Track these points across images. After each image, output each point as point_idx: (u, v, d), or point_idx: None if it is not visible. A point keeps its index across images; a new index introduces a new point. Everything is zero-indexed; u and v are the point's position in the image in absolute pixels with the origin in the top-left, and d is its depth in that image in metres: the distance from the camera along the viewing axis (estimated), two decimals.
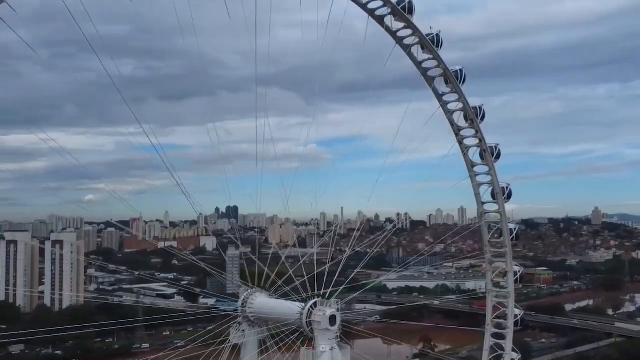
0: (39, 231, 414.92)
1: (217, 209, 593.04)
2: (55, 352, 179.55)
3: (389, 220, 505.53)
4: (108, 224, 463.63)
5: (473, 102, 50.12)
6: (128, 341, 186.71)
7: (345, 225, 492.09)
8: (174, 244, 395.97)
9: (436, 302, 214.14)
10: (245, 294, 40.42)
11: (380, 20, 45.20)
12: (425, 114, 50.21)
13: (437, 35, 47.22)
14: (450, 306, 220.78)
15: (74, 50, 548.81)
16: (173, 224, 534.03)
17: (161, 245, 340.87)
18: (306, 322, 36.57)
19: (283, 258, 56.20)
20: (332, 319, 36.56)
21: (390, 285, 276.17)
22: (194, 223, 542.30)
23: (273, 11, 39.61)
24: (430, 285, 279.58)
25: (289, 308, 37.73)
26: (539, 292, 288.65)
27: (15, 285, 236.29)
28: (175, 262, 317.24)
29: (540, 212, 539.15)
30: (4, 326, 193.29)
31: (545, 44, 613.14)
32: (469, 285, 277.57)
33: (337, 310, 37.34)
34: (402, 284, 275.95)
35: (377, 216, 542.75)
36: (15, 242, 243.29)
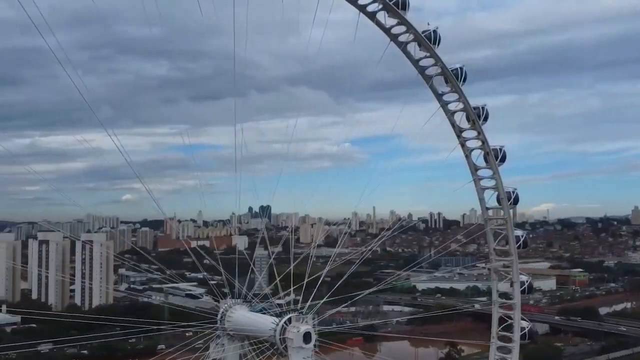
0: (76, 230, 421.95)
1: (250, 208, 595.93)
2: (82, 351, 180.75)
3: (421, 219, 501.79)
4: (144, 223, 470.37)
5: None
6: (152, 341, 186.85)
7: (377, 224, 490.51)
8: (207, 243, 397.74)
9: (477, 306, 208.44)
10: (224, 307, 38.42)
11: (371, 16, 42.73)
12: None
13: (435, 31, 44.59)
14: (481, 309, 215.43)
15: (110, 52, 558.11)
16: (206, 223, 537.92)
17: (193, 244, 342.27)
18: (280, 338, 34.36)
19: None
20: (307, 336, 34.25)
21: (420, 286, 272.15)
22: (227, 222, 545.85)
23: (303, 11, 40.65)
24: (461, 286, 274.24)
25: (264, 323, 35.61)
26: (573, 294, 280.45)
27: (47, 284, 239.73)
28: (206, 261, 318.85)
29: (578, 212, 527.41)
30: (34, 325, 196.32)
31: (583, 39, 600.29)
32: (501, 287, 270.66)
33: (313, 326, 35.04)
34: (432, 285, 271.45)
35: (410, 215, 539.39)
36: (47, 242, 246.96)
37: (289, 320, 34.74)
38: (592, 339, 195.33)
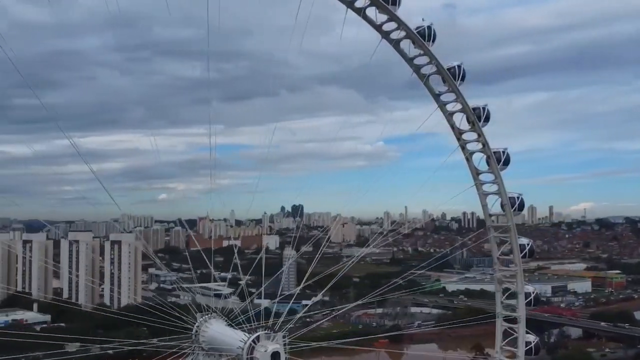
0: (112, 229, 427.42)
1: (282, 208, 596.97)
2: (107, 351, 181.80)
3: (454, 219, 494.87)
4: (178, 223, 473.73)
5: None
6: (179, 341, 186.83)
7: (409, 224, 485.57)
8: (238, 242, 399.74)
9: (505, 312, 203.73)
10: (199, 320, 36.53)
11: (359, 12, 40.30)
12: (494, 109, 45.82)
13: (429, 27, 41.82)
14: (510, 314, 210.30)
15: (147, 54, 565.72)
16: (239, 223, 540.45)
17: (225, 243, 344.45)
18: (247, 358, 32.17)
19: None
20: (276, 356, 32.01)
21: (450, 287, 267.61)
22: (259, 222, 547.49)
23: (336, 10, 38.86)
24: (493, 288, 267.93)
25: (232, 340, 33.50)
26: (609, 296, 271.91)
27: (77, 283, 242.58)
28: (237, 261, 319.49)
29: (618, 211, 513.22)
30: (64, 324, 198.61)
31: (623, 34, 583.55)
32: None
33: (284, 345, 32.79)
34: (462, 286, 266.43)
35: (443, 215, 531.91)
36: (77, 242, 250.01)
37: (258, 338, 32.56)
38: (627, 344, 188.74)
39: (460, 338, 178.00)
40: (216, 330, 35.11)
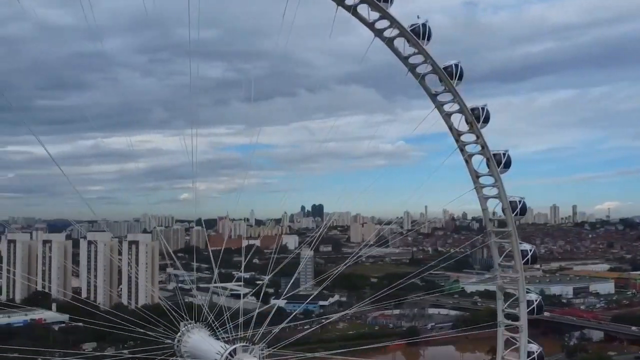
0: (133, 229, 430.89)
1: (302, 207, 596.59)
2: (122, 350, 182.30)
3: (475, 219, 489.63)
4: (199, 222, 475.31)
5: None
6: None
7: (429, 224, 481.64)
8: (258, 242, 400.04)
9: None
10: (182, 329, 35.37)
11: (349, 9, 38.79)
12: (516, 107, 44.52)
13: (424, 25, 40.19)
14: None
15: (168, 55, 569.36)
16: (259, 222, 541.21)
17: (244, 243, 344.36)
18: None
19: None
20: None
21: (469, 288, 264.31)
22: (279, 221, 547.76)
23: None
24: (513, 289, 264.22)
25: (209, 351, 32.27)
26: (632, 298, 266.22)
27: (95, 283, 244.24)
28: (256, 260, 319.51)
29: None
30: (81, 324, 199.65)
31: None
32: (555, 289, 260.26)
33: (262, 357, 31.48)
34: (482, 287, 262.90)
35: (464, 214, 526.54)
36: (95, 242, 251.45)
37: (235, 350, 31.29)
38: None
39: (478, 340, 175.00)
40: (197, 339, 33.93)
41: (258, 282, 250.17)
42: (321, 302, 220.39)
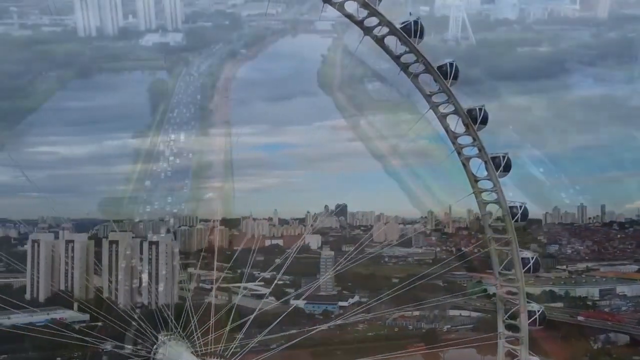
0: (157, 228, 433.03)
1: (326, 207, 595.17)
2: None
3: (500, 219, 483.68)
4: (223, 222, 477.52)
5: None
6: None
7: (453, 223, 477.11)
8: (281, 242, 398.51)
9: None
10: (160, 341, 34.12)
11: (334, 5, 37.22)
12: (541, 106, 43.11)
13: (415, 22, 38.41)
14: (551, 316, 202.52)
15: (190, 54, 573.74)
16: (282, 222, 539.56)
17: (267, 243, 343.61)
18: None
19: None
20: None
21: (492, 290, 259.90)
22: (302, 221, 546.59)
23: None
24: (536, 290, 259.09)
25: None
26: None
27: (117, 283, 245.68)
28: (277, 260, 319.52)
29: None
30: (100, 323, 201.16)
31: None
32: (580, 291, 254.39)
33: None
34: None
35: (490, 214, 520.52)
36: (116, 242, 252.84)
37: None
38: None
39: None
40: (171, 353, 32.64)
41: (279, 282, 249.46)
42: (341, 303, 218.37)
